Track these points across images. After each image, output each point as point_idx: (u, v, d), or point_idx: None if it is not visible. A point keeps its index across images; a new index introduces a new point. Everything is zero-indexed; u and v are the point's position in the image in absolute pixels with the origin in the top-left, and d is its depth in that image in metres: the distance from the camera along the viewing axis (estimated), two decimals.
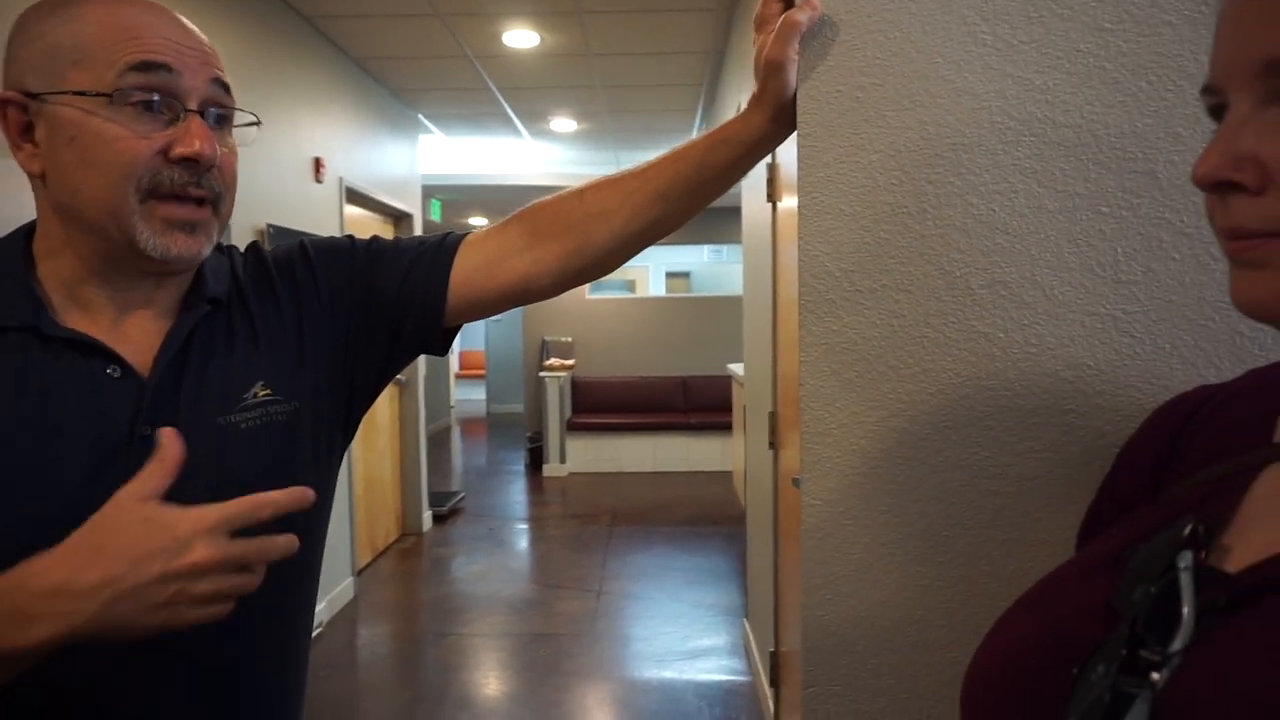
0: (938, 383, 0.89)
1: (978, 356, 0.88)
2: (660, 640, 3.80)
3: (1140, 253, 0.86)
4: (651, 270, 12.41)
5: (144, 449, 0.74)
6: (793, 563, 2.72)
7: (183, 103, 0.75)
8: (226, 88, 0.80)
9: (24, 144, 0.75)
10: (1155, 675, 0.42)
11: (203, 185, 0.76)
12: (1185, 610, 0.43)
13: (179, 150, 0.74)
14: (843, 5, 0.88)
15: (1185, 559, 0.45)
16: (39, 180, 0.76)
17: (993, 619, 0.90)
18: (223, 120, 0.80)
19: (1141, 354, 0.86)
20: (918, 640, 0.91)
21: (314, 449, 0.87)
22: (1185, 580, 0.44)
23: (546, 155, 7.14)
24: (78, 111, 0.72)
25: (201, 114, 0.76)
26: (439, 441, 9.50)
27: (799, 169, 0.89)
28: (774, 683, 2.95)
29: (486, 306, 0.95)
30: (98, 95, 0.71)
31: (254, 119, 0.84)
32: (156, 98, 0.73)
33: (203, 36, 0.79)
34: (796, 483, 2.35)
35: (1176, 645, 0.42)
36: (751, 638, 3.57)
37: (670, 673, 3.47)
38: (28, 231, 0.80)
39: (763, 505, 3.21)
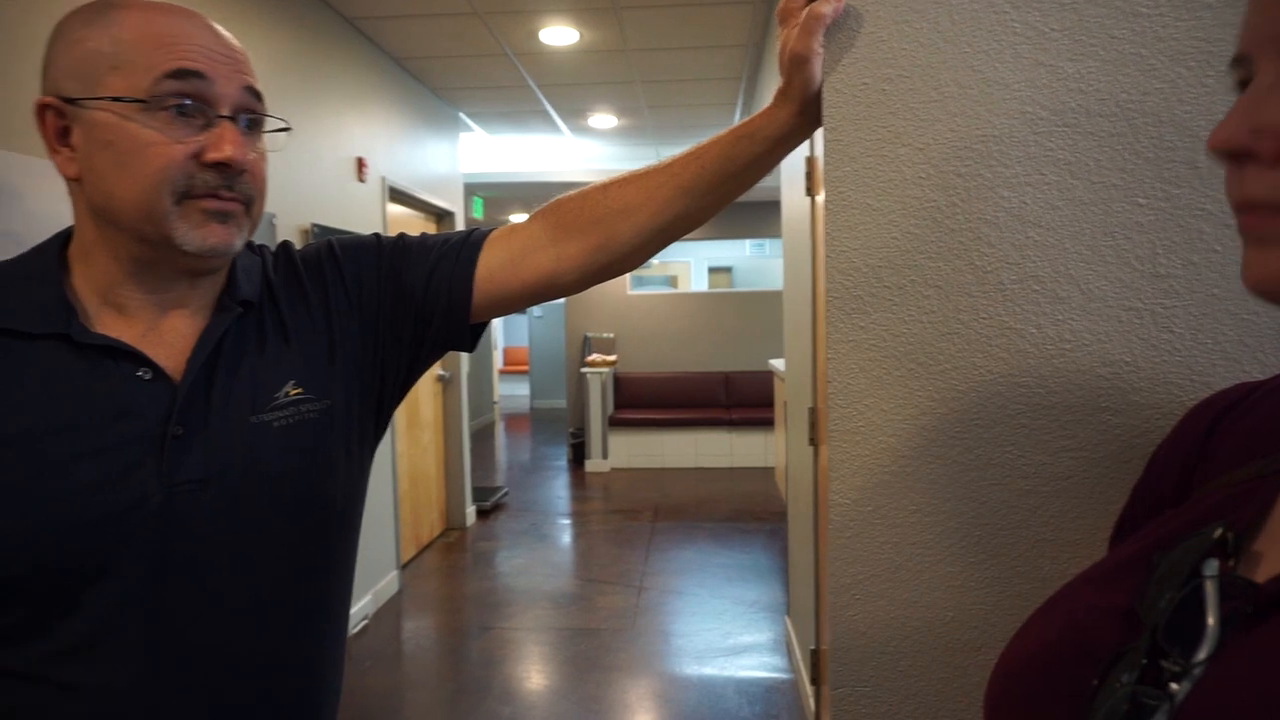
0: (968, 380, 0.87)
1: (1010, 353, 0.86)
2: (701, 637, 3.80)
3: (1180, 245, 0.83)
4: (693, 265, 12.38)
5: (177, 449, 0.76)
6: (827, 559, 2.68)
7: (215, 109, 0.76)
8: (258, 94, 0.81)
9: (61, 147, 0.77)
10: (1175, 686, 0.40)
11: (234, 189, 0.78)
12: (1209, 620, 0.42)
13: (211, 155, 0.75)
14: None
15: (1211, 566, 0.44)
16: (75, 183, 0.78)
17: (1022, 619, 0.88)
18: (253, 125, 0.81)
19: (1181, 349, 0.83)
20: (948, 642, 0.89)
21: (346, 445, 0.88)
22: (1210, 588, 0.43)
23: (587, 152, 7.15)
24: (114, 116, 0.74)
25: (233, 119, 0.78)
26: (483, 437, 9.59)
27: (825, 164, 0.88)
28: (815, 681, 2.92)
29: (512, 302, 0.95)
30: (134, 101, 0.73)
31: (284, 125, 0.85)
32: (190, 103, 0.75)
33: (236, 43, 0.81)
34: None
35: (1199, 656, 0.41)
36: (793, 635, 3.55)
37: (711, 669, 3.46)
38: (65, 238, 0.83)
39: (804, 502, 3.18)
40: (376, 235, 0.97)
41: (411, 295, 0.93)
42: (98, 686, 0.74)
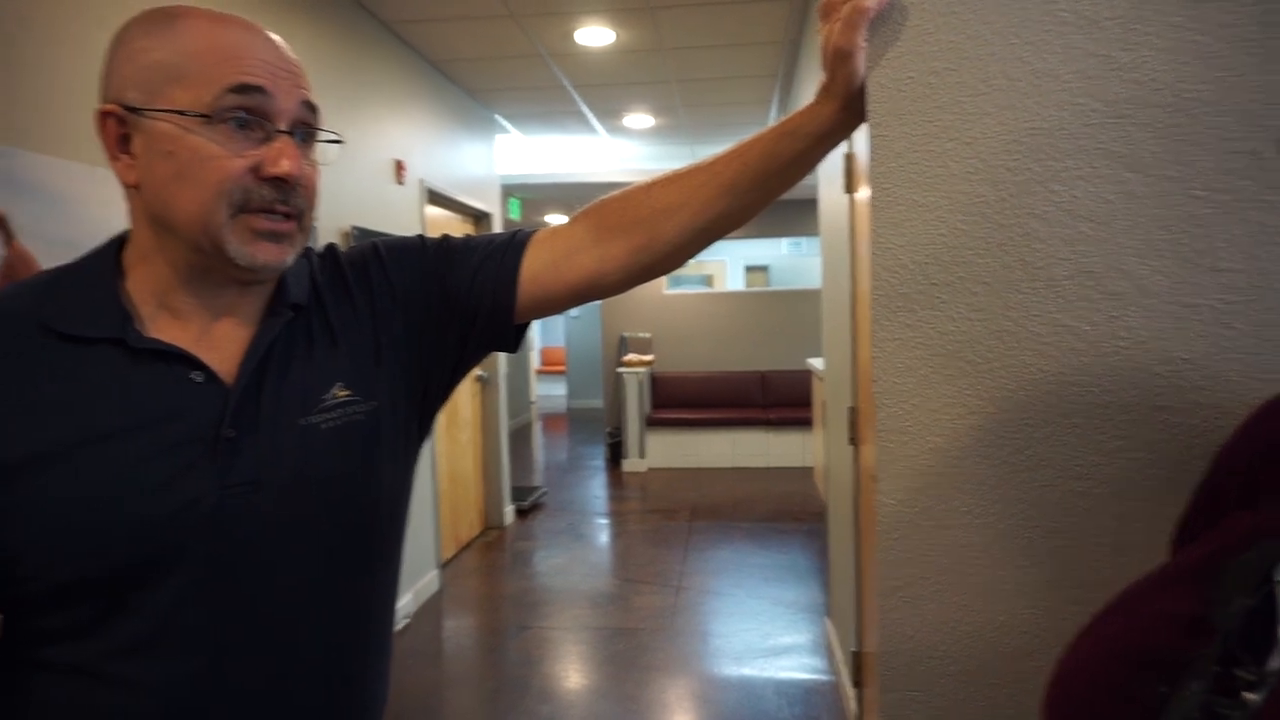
0: (1019, 379, 0.85)
1: (1062, 351, 0.84)
2: (740, 637, 3.78)
3: (1241, 239, 0.80)
4: (729, 264, 12.33)
5: (228, 451, 0.77)
6: (874, 562, 2.65)
7: (274, 123, 0.77)
8: (314, 108, 0.82)
9: (121, 155, 0.78)
10: (1250, 695, 0.39)
11: (289, 203, 0.79)
12: None
13: (269, 170, 0.76)
14: None
15: None
16: (134, 190, 0.79)
17: (1078, 625, 0.86)
18: (307, 137, 0.82)
19: (1243, 347, 0.81)
20: (1000, 647, 0.87)
21: (393, 446, 0.88)
22: None
23: (623, 152, 7.16)
24: (175, 128, 0.75)
25: (290, 134, 0.78)
26: (520, 437, 9.65)
27: (870, 159, 0.87)
28: (857, 683, 2.89)
29: (555, 303, 0.95)
30: (197, 115, 0.74)
31: (337, 138, 0.86)
32: (250, 117, 0.76)
33: (293, 56, 0.82)
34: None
35: (1274, 664, 0.39)
36: (834, 636, 3.51)
37: (750, 670, 3.44)
38: (120, 242, 0.84)
39: (843, 502, 3.15)
40: (420, 237, 0.98)
41: (456, 297, 0.93)
42: (158, 683, 0.75)
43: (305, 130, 0.81)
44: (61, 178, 1.97)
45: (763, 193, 0.90)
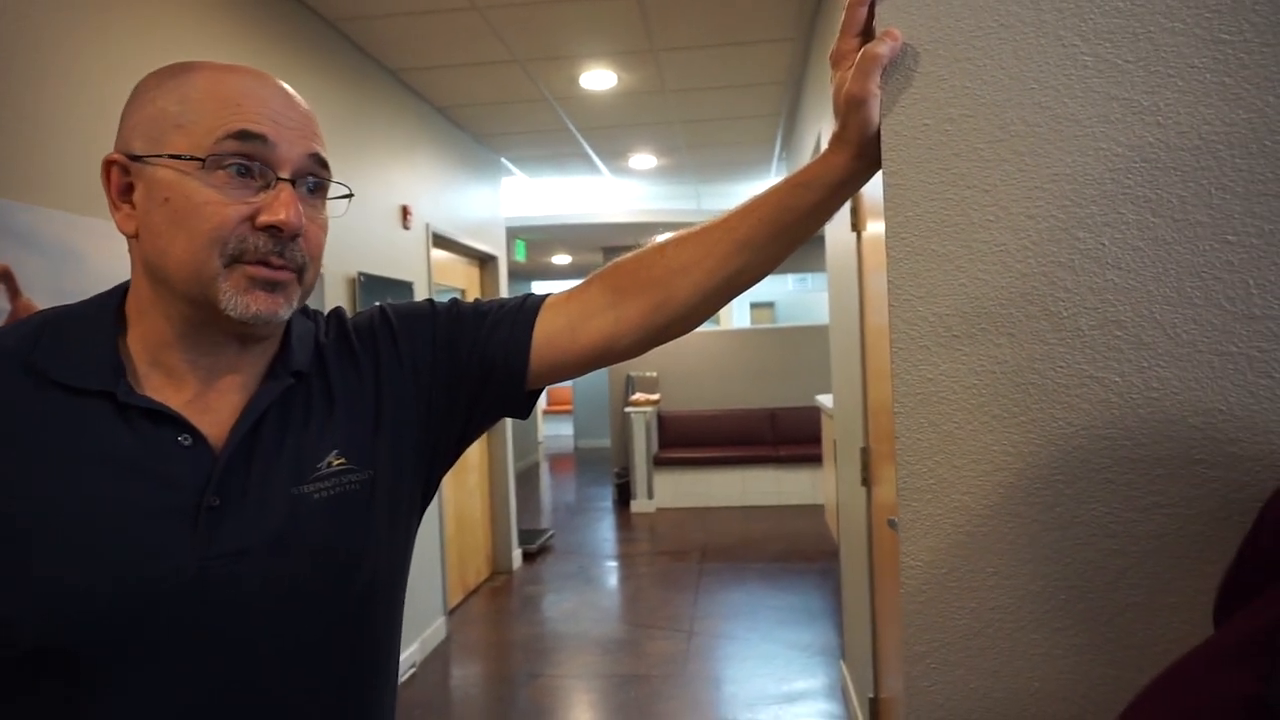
0: (1046, 433, 0.82)
1: (1091, 403, 0.81)
2: (754, 683, 3.69)
3: (1275, 284, 0.77)
4: (735, 301, 12.35)
5: (211, 521, 0.74)
6: (890, 605, 2.60)
7: (275, 171, 0.75)
8: (323, 162, 0.80)
9: (122, 204, 0.77)
10: None
11: (285, 255, 0.76)
12: None
13: (265, 218, 0.74)
14: (926, 34, 0.83)
15: None
16: (134, 240, 0.77)
17: (1117, 692, 0.82)
18: (317, 191, 0.80)
19: None
20: (1034, 715, 0.83)
21: (390, 514, 0.85)
22: None
23: (628, 192, 7.19)
24: (173, 174, 0.73)
25: (294, 183, 0.76)
26: (527, 478, 9.58)
27: (885, 209, 0.84)
28: None
29: (569, 368, 0.93)
30: (192, 159, 0.72)
31: (347, 191, 0.83)
32: (249, 164, 0.74)
33: (306, 108, 0.80)
34: (892, 524, 2.24)
35: None
36: (849, 681, 3.43)
37: (765, 717, 3.36)
38: (125, 290, 0.82)
39: (857, 544, 3.09)
40: (430, 301, 0.95)
41: (466, 362, 0.90)
42: None
43: (313, 183, 0.79)
44: (68, 231, 1.96)
45: (779, 246, 0.88)
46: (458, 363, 0.90)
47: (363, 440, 0.84)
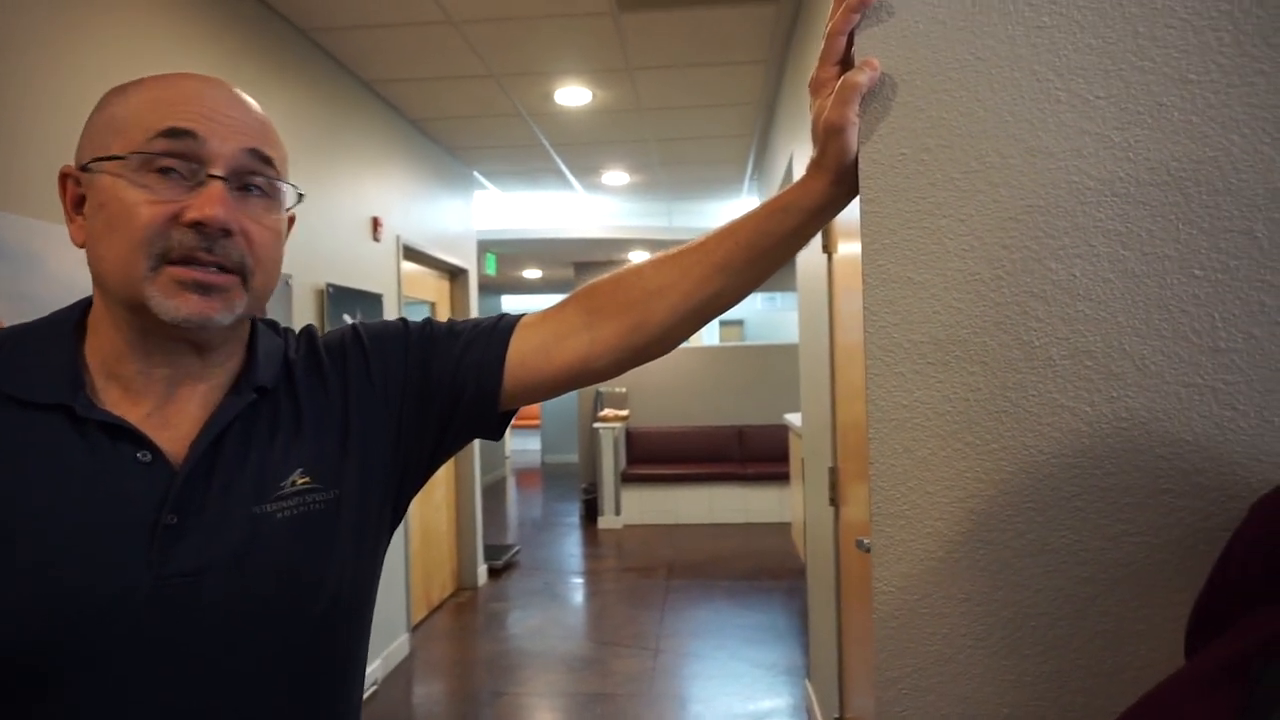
0: (1018, 461, 0.83)
1: (1062, 432, 0.82)
2: (720, 701, 3.68)
3: (1240, 318, 0.79)
4: None
5: (168, 539, 0.72)
6: (857, 625, 2.61)
7: (206, 168, 0.73)
8: (267, 160, 0.77)
9: (75, 216, 0.76)
10: None
11: (215, 252, 0.73)
12: None
13: (189, 214, 0.72)
14: (904, 65, 0.84)
15: None
16: (86, 250, 0.76)
17: (1087, 718, 0.83)
18: (262, 193, 0.78)
19: (1246, 428, 0.79)
20: None
21: (355, 535, 0.84)
22: None
23: (600, 208, 7.20)
24: (109, 178, 0.72)
25: (226, 180, 0.74)
26: (494, 493, 9.51)
27: (862, 235, 0.85)
28: None
29: (544, 389, 0.92)
30: (119, 158, 0.72)
31: (296, 189, 0.82)
32: (178, 162, 0.72)
33: (254, 108, 0.78)
34: (861, 544, 2.24)
35: None
36: (815, 701, 3.43)
37: None
38: (88, 303, 0.80)
39: (824, 564, 3.10)
40: (403, 320, 0.94)
41: (438, 382, 0.89)
42: None
43: (256, 183, 0.76)
44: (30, 236, 1.92)
45: (756, 270, 0.88)
46: (430, 383, 0.89)
47: (330, 459, 0.83)
